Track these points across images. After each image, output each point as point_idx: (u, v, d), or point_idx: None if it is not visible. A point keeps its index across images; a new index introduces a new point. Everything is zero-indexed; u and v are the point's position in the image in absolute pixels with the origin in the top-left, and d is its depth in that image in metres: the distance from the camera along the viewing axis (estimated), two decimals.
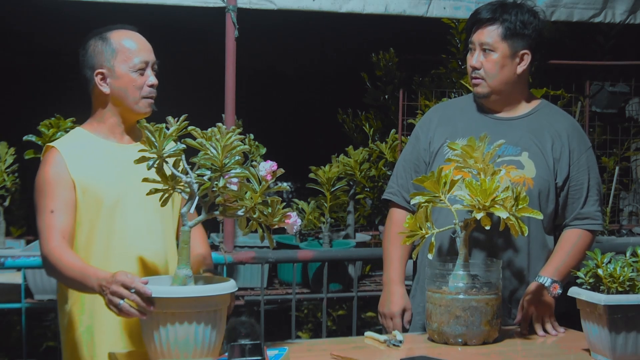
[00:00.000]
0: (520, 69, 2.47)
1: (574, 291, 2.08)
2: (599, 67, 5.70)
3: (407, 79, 5.50)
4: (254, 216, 1.94)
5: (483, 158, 2.23)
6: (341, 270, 4.13)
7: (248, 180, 1.94)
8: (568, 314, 2.38)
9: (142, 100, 2.24)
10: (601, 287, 2.03)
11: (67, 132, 3.63)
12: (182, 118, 1.95)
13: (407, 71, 5.52)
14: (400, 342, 2.23)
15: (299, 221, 2.01)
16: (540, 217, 2.23)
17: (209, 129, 1.92)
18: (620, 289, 2.00)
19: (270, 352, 1.96)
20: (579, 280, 2.09)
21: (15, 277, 3.61)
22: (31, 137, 3.69)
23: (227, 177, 1.91)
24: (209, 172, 1.92)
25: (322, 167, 4.39)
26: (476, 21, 2.47)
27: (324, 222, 4.26)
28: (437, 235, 2.28)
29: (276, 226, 1.99)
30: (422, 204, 2.23)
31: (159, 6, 3.50)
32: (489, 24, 2.44)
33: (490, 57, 2.44)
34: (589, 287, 2.06)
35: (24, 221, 4.56)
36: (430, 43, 5.18)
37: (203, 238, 2.41)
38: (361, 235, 4.66)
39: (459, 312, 2.19)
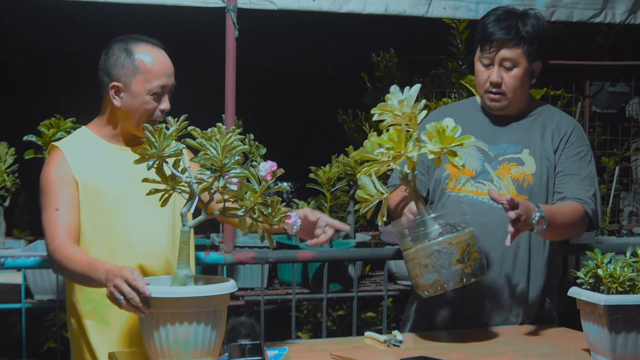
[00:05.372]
0: (533, 79, 2.49)
1: (574, 291, 2.08)
2: (599, 67, 5.71)
3: (407, 79, 5.50)
4: (254, 216, 1.94)
5: (399, 108, 2.14)
6: (341, 270, 4.12)
7: (248, 180, 1.94)
8: (568, 314, 2.38)
9: (150, 122, 2.23)
10: (601, 287, 2.03)
11: (67, 132, 3.64)
12: (182, 118, 1.95)
13: (407, 71, 5.53)
14: (400, 342, 2.23)
15: (298, 221, 2.01)
16: (470, 139, 2.13)
17: (209, 129, 1.92)
18: (620, 289, 2.00)
19: (270, 352, 1.96)
20: (579, 280, 2.09)
21: (15, 277, 3.60)
22: (31, 137, 3.69)
23: (227, 177, 1.91)
24: (209, 172, 1.92)
25: (322, 167, 4.38)
26: (493, 40, 2.43)
27: None
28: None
29: (276, 226, 1.99)
30: (365, 172, 2.17)
31: (159, 6, 3.50)
32: (510, 41, 2.42)
33: (512, 72, 2.44)
34: (589, 287, 2.06)
35: (26, 224, 4.56)
36: (430, 43, 5.19)
37: None
38: (361, 236, 4.65)
39: (425, 260, 2.16)
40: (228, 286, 1.95)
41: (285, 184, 2.06)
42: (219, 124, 1.93)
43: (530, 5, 3.64)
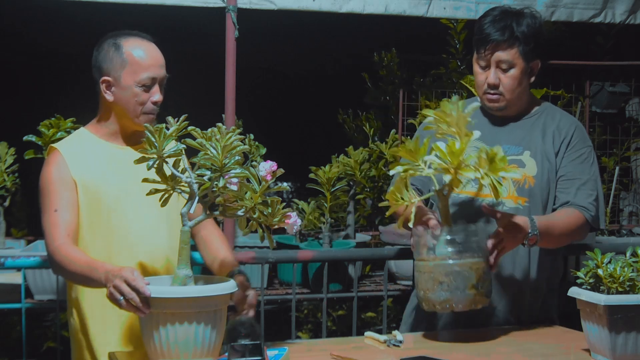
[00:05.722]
0: (532, 77, 2.49)
1: (574, 291, 2.08)
2: (599, 67, 5.71)
3: (407, 79, 5.51)
4: (254, 216, 1.94)
5: (456, 121, 2.16)
6: (341, 270, 4.13)
7: (248, 180, 1.93)
8: (568, 314, 2.38)
9: (143, 116, 2.24)
10: (601, 287, 2.03)
11: (67, 132, 3.65)
12: (182, 118, 1.95)
13: (407, 71, 5.53)
14: (400, 342, 2.23)
15: (298, 221, 2.01)
16: (516, 175, 2.20)
17: (209, 129, 1.92)
18: (620, 289, 2.00)
19: (270, 352, 1.96)
20: (579, 280, 2.09)
21: (15, 277, 3.61)
22: (31, 137, 3.69)
23: (227, 177, 1.91)
24: (209, 172, 1.92)
25: (322, 167, 4.38)
26: (488, 42, 2.42)
27: (324, 223, 4.26)
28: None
29: (276, 226, 1.99)
30: (401, 174, 2.18)
31: (159, 6, 3.50)
32: (504, 42, 2.41)
33: (510, 73, 2.43)
34: (589, 287, 2.06)
35: (25, 224, 4.56)
36: (430, 43, 5.19)
37: (222, 240, 2.40)
38: (361, 236, 4.66)
39: (442, 277, 2.16)
40: (228, 286, 1.95)
41: (285, 184, 2.06)
42: (219, 124, 1.92)
43: (530, 5, 3.64)
